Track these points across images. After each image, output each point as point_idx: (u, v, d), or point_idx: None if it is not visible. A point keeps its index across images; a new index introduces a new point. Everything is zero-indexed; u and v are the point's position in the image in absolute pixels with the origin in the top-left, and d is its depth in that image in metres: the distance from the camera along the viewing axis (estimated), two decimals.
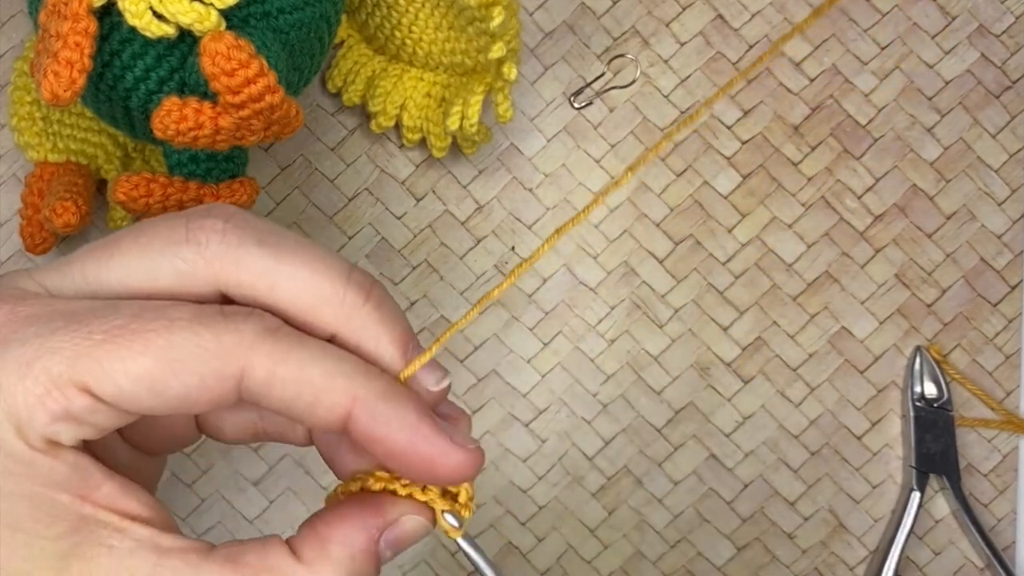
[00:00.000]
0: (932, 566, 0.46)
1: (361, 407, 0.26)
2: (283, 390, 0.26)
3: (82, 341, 0.25)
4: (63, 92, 0.33)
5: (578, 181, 0.46)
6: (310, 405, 0.26)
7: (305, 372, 0.26)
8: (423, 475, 0.27)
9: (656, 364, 0.46)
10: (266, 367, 0.26)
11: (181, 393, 0.26)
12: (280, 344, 0.26)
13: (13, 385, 0.25)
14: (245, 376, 0.26)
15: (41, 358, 0.25)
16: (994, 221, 0.46)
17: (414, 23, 0.42)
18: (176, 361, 0.25)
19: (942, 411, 0.45)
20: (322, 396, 0.26)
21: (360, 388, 0.26)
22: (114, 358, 0.25)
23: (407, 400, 0.27)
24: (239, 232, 0.27)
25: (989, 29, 0.47)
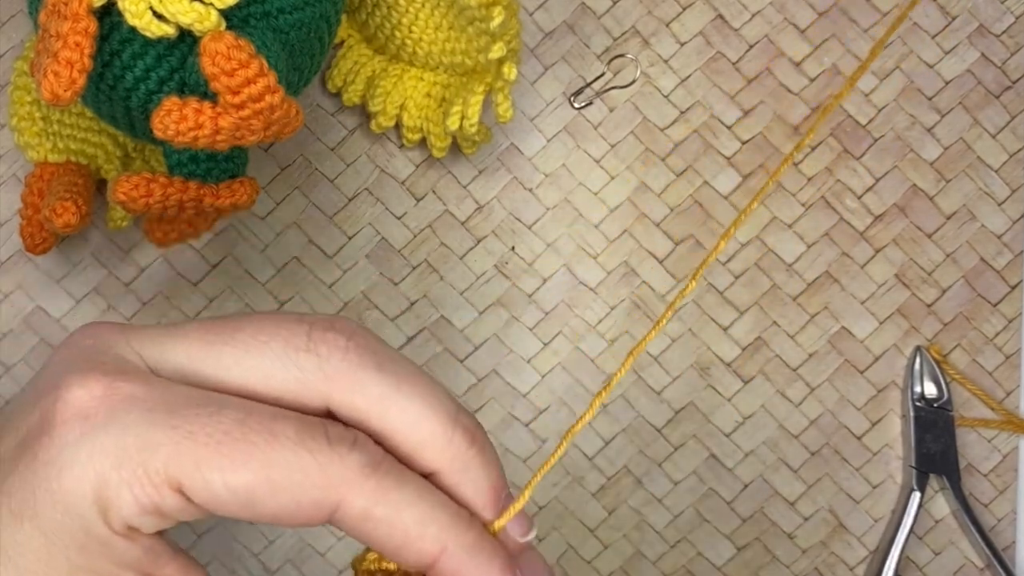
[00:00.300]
0: (932, 566, 0.46)
1: (448, 559, 0.26)
2: (375, 529, 0.26)
3: (183, 440, 0.25)
4: (63, 92, 0.33)
5: (578, 181, 0.46)
6: (399, 548, 0.26)
7: (401, 516, 0.26)
8: None
9: (656, 364, 0.46)
10: (363, 506, 0.26)
11: (274, 511, 0.26)
12: (382, 483, 0.26)
13: (108, 471, 0.25)
14: (340, 509, 0.26)
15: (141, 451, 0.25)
16: (994, 221, 0.46)
17: (414, 23, 0.42)
18: (276, 482, 0.25)
19: (942, 411, 0.45)
20: (413, 542, 0.26)
21: (450, 540, 0.26)
22: (214, 467, 0.25)
23: (494, 558, 0.27)
24: (361, 352, 0.27)
25: (989, 29, 0.47)
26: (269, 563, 0.45)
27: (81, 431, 0.25)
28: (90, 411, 0.26)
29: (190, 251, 0.45)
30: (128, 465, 0.25)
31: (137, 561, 0.26)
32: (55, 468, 0.25)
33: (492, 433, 0.45)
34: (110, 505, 0.25)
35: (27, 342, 0.45)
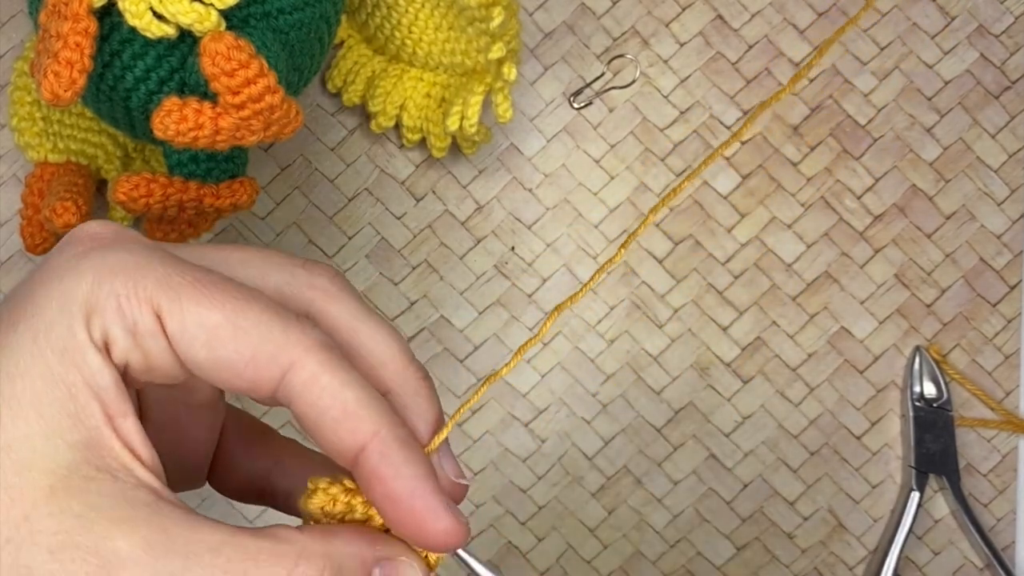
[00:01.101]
0: (931, 566, 0.46)
1: (378, 443, 0.27)
2: (317, 398, 0.27)
3: (173, 274, 0.27)
4: (63, 92, 0.33)
5: (578, 181, 0.46)
6: (335, 421, 0.27)
7: (343, 391, 0.27)
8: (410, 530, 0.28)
9: (656, 364, 0.46)
10: (312, 371, 0.27)
11: (230, 357, 0.27)
12: (333, 358, 0.27)
13: (104, 278, 0.27)
14: (291, 371, 0.27)
15: (138, 269, 0.27)
16: (993, 221, 0.47)
17: (414, 23, 0.42)
18: (241, 328, 0.27)
19: (941, 411, 0.45)
20: (349, 418, 0.27)
21: (384, 427, 0.27)
22: (192, 300, 0.27)
23: (420, 457, 0.28)
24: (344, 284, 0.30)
25: (989, 29, 0.47)
26: None
27: (89, 246, 0.28)
28: (99, 235, 0.28)
29: None
30: (121, 278, 0.27)
31: (103, 389, 0.27)
32: (57, 273, 0.27)
33: (492, 433, 0.45)
34: (95, 309, 0.27)
35: None
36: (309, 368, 0.27)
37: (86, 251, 0.28)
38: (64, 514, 0.26)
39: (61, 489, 0.26)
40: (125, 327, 0.27)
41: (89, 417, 0.27)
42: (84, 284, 0.27)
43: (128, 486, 0.27)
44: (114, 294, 0.27)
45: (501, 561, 0.45)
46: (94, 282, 0.27)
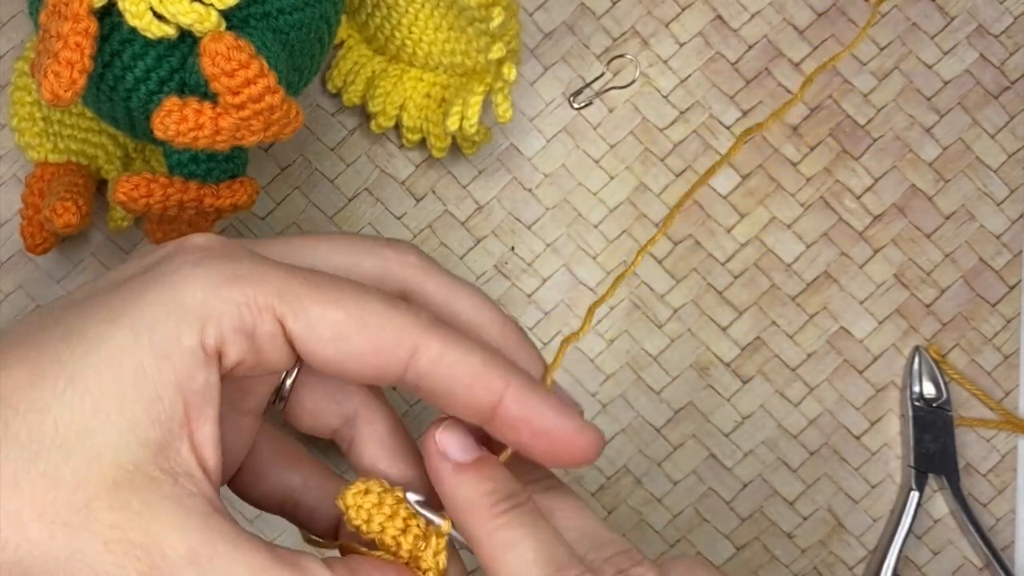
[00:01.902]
0: (931, 566, 0.46)
1: (513, 393, 0.29)
2: (449, 370, 0.29)
3: (289, 279, 0.29)
4: (63, 92, 0.33)
5: (578, 181, 0.46)
6: (468, 388, 0.29)
7: (469, 357, 0.29)
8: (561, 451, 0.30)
9: (655, 364, 0.46)
10: (437, 349, 0.29)
11: (359, 350, 0.29)
12: (448, 333, 0.29)
13: (220, 287, 0.28)
14: (417, 353, 0.29)
15: (254, 278, 0.28)
16: (993, 221, 0.47)
17: (414, 23, 0.42)
18: (364, 320, 0.29)
19: (941, 411, 0.45)
20: (481, 379, 0.29)
21: (512, 378, 0.29)
22: (313, 301, 0.28)
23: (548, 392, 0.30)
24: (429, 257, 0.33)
25: (988, 29, 0.47)
26: None
27: (201, 256, 0.29)
28: (209, 247, 0.29)
29: None
30: (238, 285, 0.28)
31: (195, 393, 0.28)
32: (170, 279, 0.28)
33: None
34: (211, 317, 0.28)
35: None
36: (433, 347, 0.29)
37: (199, 260, 0.29)
38: (123, 510, 0.27)
39: (125, 484, 0.27)
40: (244, 332, 0.28)
41: (169, 419, 0.28)
42: (199, 292, 0.28)
43: (186, 492, 0.28)
44: (233, 302, 0.28)
45: None
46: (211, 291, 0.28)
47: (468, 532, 0.30)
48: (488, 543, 0.29)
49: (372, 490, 0.30)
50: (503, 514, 0.30)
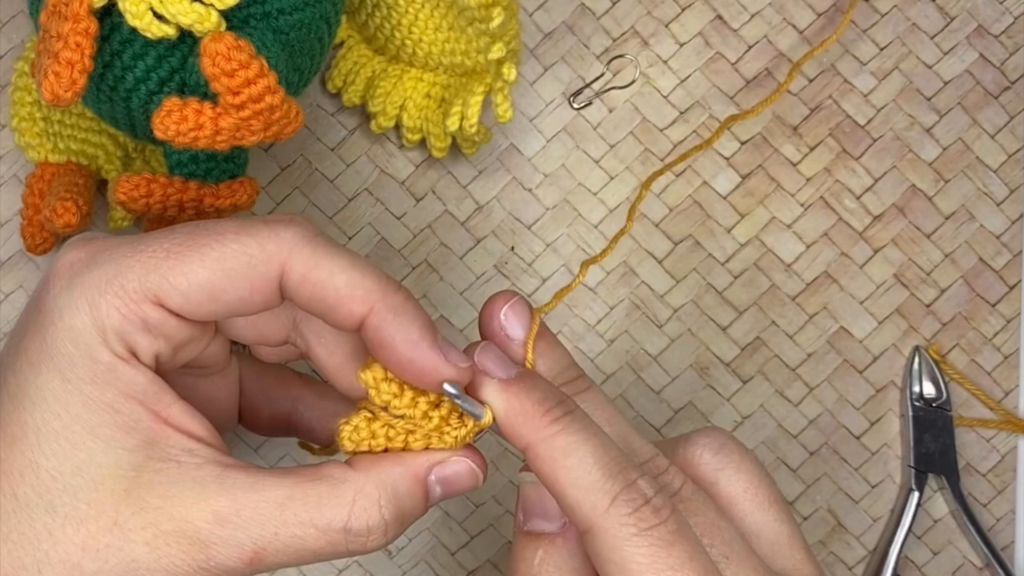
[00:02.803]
0: (931, 566, 0.46)
1: (374, 317, 0.30)
2: (313, 291, 0.30)
3: (148, 260, 0.30)
4: (64, 93, 0.33)
5: (577, 181, 0.46)
6: (333, 308, 0.30)
7: (332, 279, 0.30)
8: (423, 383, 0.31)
9: (655, 364, 0.46)
10: (300, 271, 0.30)
11: (236, 297, 0.30)
12: (315, 251, 0.30)
13: (96, 299, 0.29)
14: (284, 276, 0.30)
15: (118, 276, 0.30)
16: (993, 221, 0.47)
17: (414, 24, 0.42)
18: (230, 269, 0.30)
19: (941, 411, 0.46)
20: (344, 302, 0.30)
21: (378, 301, 0.30)
22: (177, 273, 0.30)
23: (414, 318, 0.31)
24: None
25: (988, 30, 0.47)
26: None
27: (69, 277, 0.30)
28: (74, 262, 0.31)
29: None
30: (111, 289, 0.30)
31: (143, 393, 0.30)
32: (55, 311, 0.30)
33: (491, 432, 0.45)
34: (105, 327, 0.29)
35: None
36: (297, 270, 0.30)
37: (69, 282, 0.30)
38: (145, 510, 0.29)
39: (135, 488, 0.29)
40: (138, 328, 0.30)
41: (139, 421, 0.30)
42: (83, 313, 0.30)
43: (192, 467, 0.30)
44: (112, 308, 0.29)
45: (501, 561, 0.45)
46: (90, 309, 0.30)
47: (522, 441, 0.30)
48: (545, 450, 0.29)
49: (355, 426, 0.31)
50: (557, 421, 0.30)
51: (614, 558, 0.28)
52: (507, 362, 0.31)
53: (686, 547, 0.28)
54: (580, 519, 0.29)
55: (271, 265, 0.30)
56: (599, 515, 0.28)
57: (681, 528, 0.29)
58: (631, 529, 0.28)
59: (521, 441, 0.30)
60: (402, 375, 0.31)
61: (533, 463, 0.30)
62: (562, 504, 0.29)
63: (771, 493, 0.33)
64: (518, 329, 0.32)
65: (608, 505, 0.28)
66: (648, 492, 0.29)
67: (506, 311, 0.32)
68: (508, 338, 0.32)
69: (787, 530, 0.32)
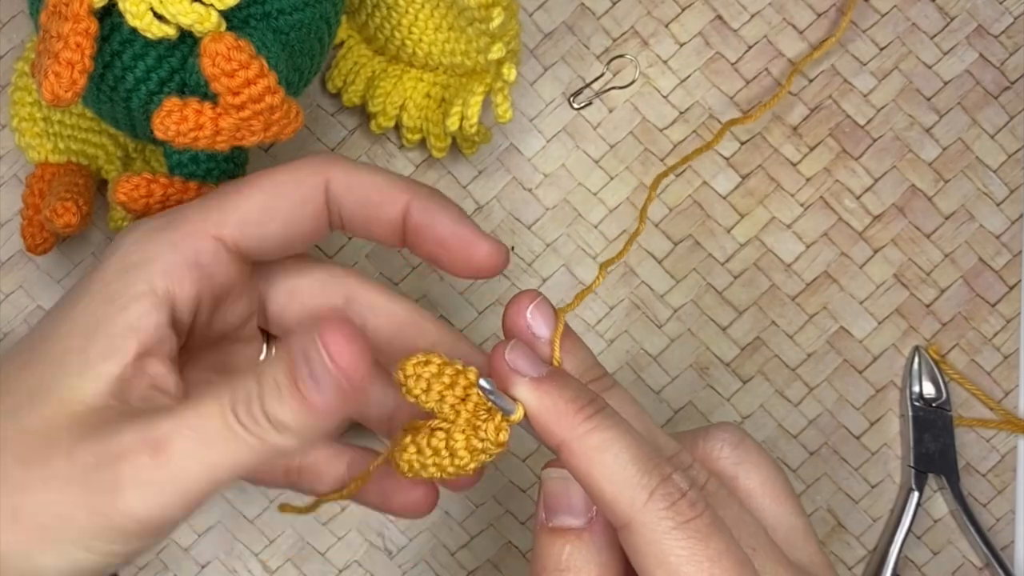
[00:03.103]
0: (931, 566, 0.46)
1: (417, 202, 0.34)
2: (359, 192, 0.34)
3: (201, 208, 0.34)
4: (64, 93, 0.33)
5: (577, 181, 0.46)
6: (379, 204, 0.34)
7: (373, 178, 0.35)
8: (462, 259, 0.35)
9: (655, 364, 0.46)
10: (343, 178, 0.34)
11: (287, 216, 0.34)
12: (348, 164, 0.35)
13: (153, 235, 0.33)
14: (330, 186, 0.34)
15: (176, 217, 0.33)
16: (993, 221, 0.47)
17: (414, 24, 0.42)
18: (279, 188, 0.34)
19: (941, 411, 0.46)
20: (387, 194, 0.34)
21: (415, 192, 0.35)
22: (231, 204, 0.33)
23: (451, 203, 0.35)
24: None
25: (988, 30, 0.47)
26: (269, 562, 0.45)
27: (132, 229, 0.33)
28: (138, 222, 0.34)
29: None
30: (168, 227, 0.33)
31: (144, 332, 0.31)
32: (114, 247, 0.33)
33: None
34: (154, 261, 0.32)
35: None
36: (340, 178, 0.34)
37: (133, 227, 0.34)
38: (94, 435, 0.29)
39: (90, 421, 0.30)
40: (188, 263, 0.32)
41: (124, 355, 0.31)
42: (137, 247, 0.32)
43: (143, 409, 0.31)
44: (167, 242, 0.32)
45: (501, 561, 0.45)
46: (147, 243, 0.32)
47: (555, 439, 0.30)
48: (580, 447, 0.30)
49: (432, 361, 0.31)
50: (590, 418, 0.30)
51: (653, 551, 0.29)
52: (537, 360, 0.32)
53: (722, 539, 0.29)
54: (618, 514, 0.29)
55: (317, 177, 0.34)
56: (637, 510, 0.29)
57: (716, 521, 0.29)
58: (669, 523, 0.29)
59: (555, 438, 0.30)
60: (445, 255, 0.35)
61: (568, 460, 0.30)
62: (598, 500, 0.30)
63: (786, 487, 0.33)
64: (544, 328, 0.33)
65: (646, 500, 0.29)
66: (683, 486, 0.29)
67: (532, 310, 0.33)
68: (535, 336, 0.33)
69: (801, 523, 0.33)
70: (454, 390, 0.31)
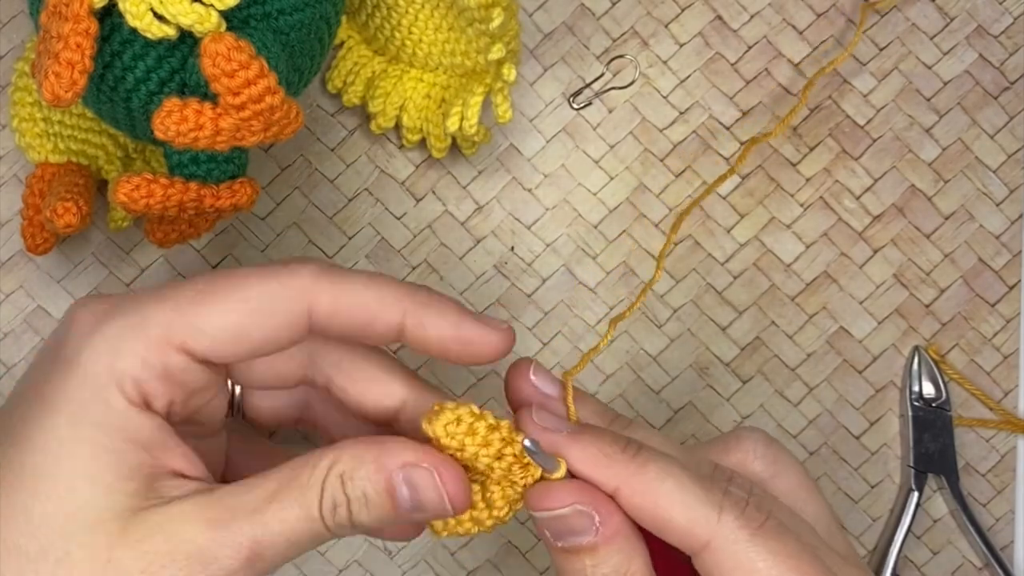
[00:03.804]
0: (930, 566, 0.46)
1: (411, 317, 0.31)
2: (346, 314, 0.31)
3: (173, 307, 0.30)
4: (64, 93, 0.33)
5: (577, 182, 0.46)
6: (369, 324, 0.31)
7: (361, 298, 0.31)
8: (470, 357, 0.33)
9: (655, 364, 0.46)
10: (328, 301, 0.31)
11: (262, 335, 0.31)
12: (335, 279, 0.31)
13: (118, 346, 0.30)
14: (313, 311, 0.31)
15: (143, 323, 0.30)
16: (992, 221, 0.47)
17: (414, 24, 0.42)
18: (255, 309, 0.30)
19: (940, 411, 0.46)
20: (377, 315, 0.31)
21: (407, 303, 0.31)
22: (203, 317, 0.30)
23: (446, 304, 0.32)
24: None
25: (987, 30, 0.47)
26: None
27: (92, 324, 0.30)
28: (97, 312, 0.31)
29: (191, 251, 0.45)
30: (134, 336, 0.30)
31: (149, 439, 0.30)
32: (76, 358, 0.30)
33: None
34: (124, 374, 0.30)
35: (28, 342, 0.45)
36: (325, 301, 0.31)
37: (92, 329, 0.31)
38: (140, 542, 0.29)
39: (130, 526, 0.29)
40: (158, 375, 0.30)
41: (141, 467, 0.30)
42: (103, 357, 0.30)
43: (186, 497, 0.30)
44: (134, 354, 0.30)
45: (501, 561, 0.45)
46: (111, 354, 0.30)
47: (612, 483, 0.30)
48: (640, 484, 0.30)
49: (463, 419, 0.31)
50: (637, 455, 0.30)
51: (741, 564, 0.29)
52: (558, 419, 0.32)
53: (791, 538, 0.29)
54: (696, 537, 0.29)
55: (297, 301, 0.31)
56: (714, 527, 0.29)
57: (780, 522, 0.30)
58: (746, 532, 0.29)
59: (611, 483, 0.30)
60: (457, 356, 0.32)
61: (630, 500, 0.30)
62: (671, 529, 0.30)
63: (815, 484, 0.34)
64: (550, 386, 0.33)
65: (719, 515, 0.29)
66: (743, 495, 0.30)
67: (534, 372, 0.33)
68: (545, 396, 0.33)
69: (834, 518, 0.33)
70: (489, 448, 0.31)
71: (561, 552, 0.31)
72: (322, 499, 0.30)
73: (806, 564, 0.29)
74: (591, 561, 0.30)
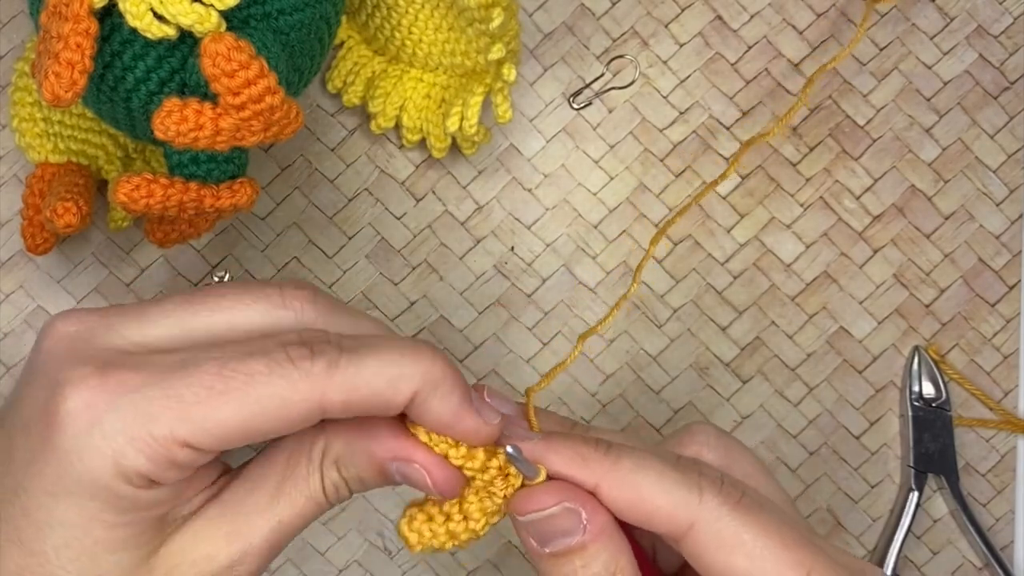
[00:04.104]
0: (930, 566, 0.46)
1: (418, 398, 0.31)
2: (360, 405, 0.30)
3: (175, 406, 0.29)
4: (64, 93, 0.33)
5: (577, 181, 0.46)
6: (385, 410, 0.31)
7: (372, 387, 0.30)
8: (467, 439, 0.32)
9: (655, 364, 0.46)
10: (341, 398, 0.30)
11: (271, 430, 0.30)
12: (346, 373, 0.30)
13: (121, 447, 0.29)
14: (324, 408, 0.30)
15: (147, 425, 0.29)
16: (992, 221, 0.47)
17: (414, 24, 0.42)
18: (262, 410, 0.30)
19: (940, 411, 0.46)
20: (391, 399, 0.30)
21: (418, 383, 0.30)
22: (208, 418, 0.29)
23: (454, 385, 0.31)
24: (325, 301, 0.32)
25: (987, 30, 0.47)
26: None
27: (89, 421, 0.29)
28: (91, 402, 0.29)
29: (191, 251, 0.45)
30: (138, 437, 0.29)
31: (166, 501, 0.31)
32: (75, 454, 0.29)
33: None
34: (129, 472, 0.29)
35: (28, 342, 0.45)
36: (337, 399, 0.30)
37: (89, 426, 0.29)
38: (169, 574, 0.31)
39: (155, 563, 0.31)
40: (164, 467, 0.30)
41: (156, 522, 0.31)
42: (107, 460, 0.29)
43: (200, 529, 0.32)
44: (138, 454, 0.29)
45: (501, 562, 0.45)
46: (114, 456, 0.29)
47: (591, 480, 0.31)
48: (618, 476, 0.30)
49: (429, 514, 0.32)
50: (609, 452, 0.31)
51: (726, 539, 0.29)
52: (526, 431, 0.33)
53: (767, 510, 0.30)
54: (680, 520, 0.30)
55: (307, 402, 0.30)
56: (696, 508, 0.30)
57: (754, 496, 0.30)
58: (727, 508, 0.30)
59: (591, 480, 0.31)
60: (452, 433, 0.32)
61: (610, 493, 0.30)
62: (655, 516, 0.30)
63: (767, 470, 0.34)
64: (507, 407, 0.33)
65: (700, 496, 0.30)
66: (716, 474, 0.30)
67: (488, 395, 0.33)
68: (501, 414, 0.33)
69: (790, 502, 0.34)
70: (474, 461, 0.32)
71: (549, 558, 0.31)
72: (324, 484, 0.32)
73: (787, 533, 0.30)
74: (581, 561, 0.31)
